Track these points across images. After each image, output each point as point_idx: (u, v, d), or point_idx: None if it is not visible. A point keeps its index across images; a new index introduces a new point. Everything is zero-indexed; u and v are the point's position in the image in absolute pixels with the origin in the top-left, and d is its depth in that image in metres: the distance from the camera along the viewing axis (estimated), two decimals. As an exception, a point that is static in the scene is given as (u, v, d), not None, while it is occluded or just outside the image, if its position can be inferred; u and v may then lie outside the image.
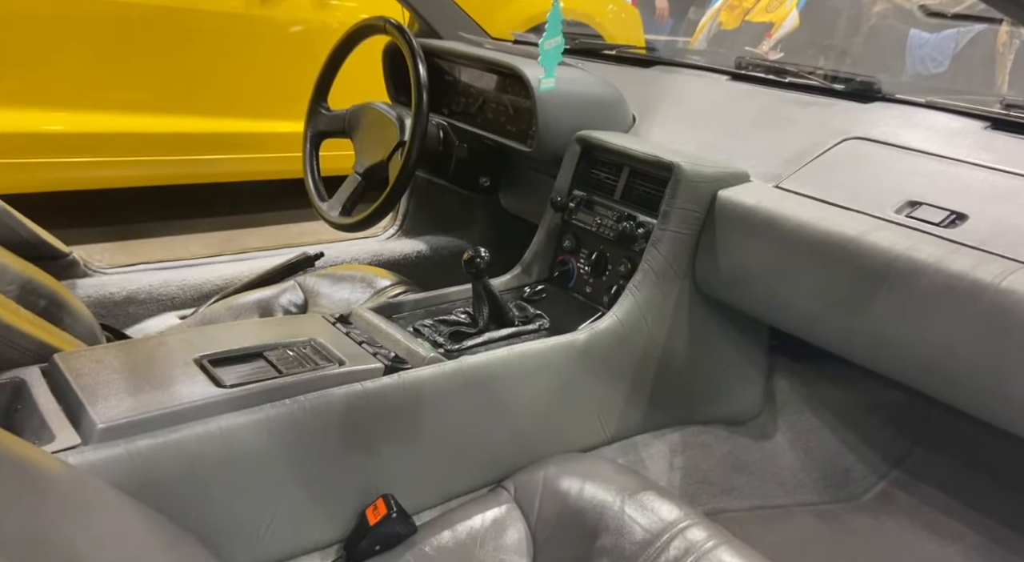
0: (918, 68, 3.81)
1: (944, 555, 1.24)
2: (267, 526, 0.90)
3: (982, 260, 0.91)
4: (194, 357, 0.94)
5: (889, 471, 1.39)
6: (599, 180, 1.31)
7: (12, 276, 1.24)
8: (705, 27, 4.76)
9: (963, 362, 0.92)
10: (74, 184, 2.53)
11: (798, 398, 1.36)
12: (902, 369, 1.01)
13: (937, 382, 0.97)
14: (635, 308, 1.18)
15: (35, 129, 2.35)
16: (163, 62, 2.50)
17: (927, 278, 0.94)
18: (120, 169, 2.56)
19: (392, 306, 1.19)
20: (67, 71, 2.36)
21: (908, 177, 1.09)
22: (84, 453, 0.78)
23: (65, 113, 2.40)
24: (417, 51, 1.26)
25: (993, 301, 0.88)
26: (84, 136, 2.43)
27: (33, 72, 2.31)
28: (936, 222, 1.00)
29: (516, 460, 1.09)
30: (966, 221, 0.99)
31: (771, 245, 1.10)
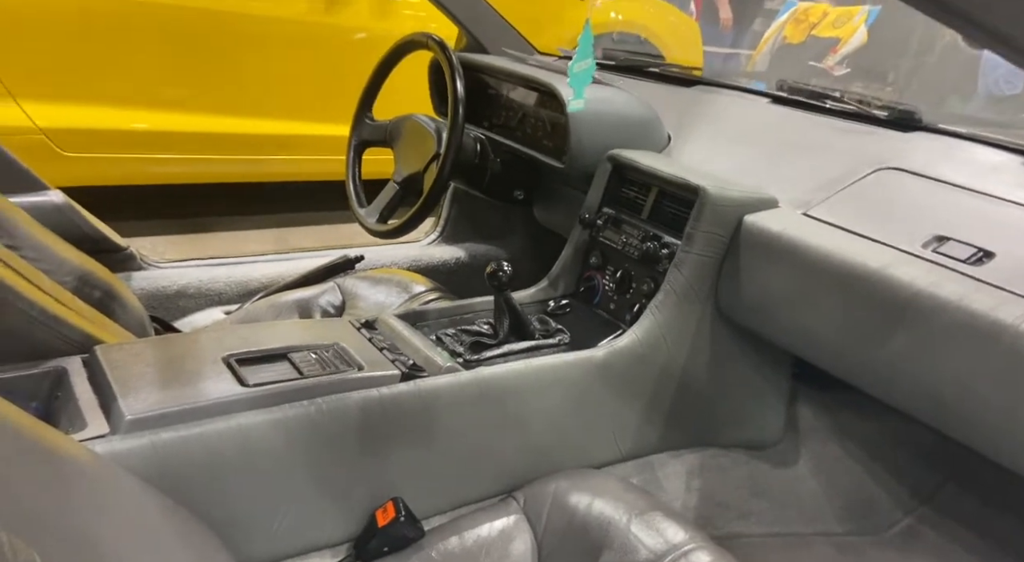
0: (991, 89, 3.67)
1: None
2: (280, 522, 0.94)
3: (1005, 300, 0.89)
4: (222, 355, 0.99)
5: (917, 507, 1.36)
6: (628, 199, 1.32)
7: (71, 268, 1.32)
8: (769, 40, 4.70)
9: (979, 402, 0.90)
10: (146, 179, 2.67)
11: (822, 426, 1.34)
12: (918, 405, 0.99)
13: (952, 420, 0.95)
14: (655, 328, 1.19)
15: (113, 126, 2.49)
16: (229, 66, 2.62)
17: (947, 315, 0.92)
18: (188, 166, 2.68)
19: (417, 314, 1.23)
20: (142, 73, 2.49)
21: (939, 211, 1.07)
22: (112, 442, 0.84)
23: (140, 112, 2.54)
24: (456, 67, 1.29)
25: (1012, 343, 0.86)
26: (157, 134, 2.56)
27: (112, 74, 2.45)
28: (962, 259, 0.98)
29: (527, 472, 1.11)
30: (992, 259, 0.96)
31: (793, 273, 1.09)
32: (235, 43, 2.60)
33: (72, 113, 2.41)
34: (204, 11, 2.51)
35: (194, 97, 2.59)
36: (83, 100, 2.42)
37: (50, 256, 1.29)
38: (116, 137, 2.49)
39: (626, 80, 1.71)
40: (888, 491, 1.35)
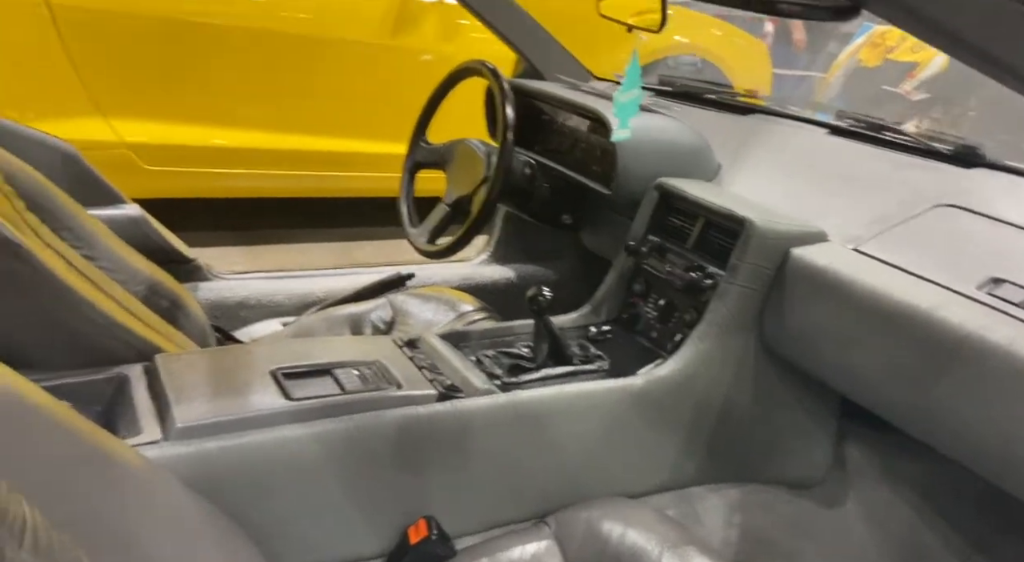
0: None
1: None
2: (316, 533, 0.98)
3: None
4: (271, 369, 1.04)
5: (971, 555, 1.30)
6: (675, 227, 1.32)
7: (142, 277, 1.41)
8: (843, 63, 4.59)
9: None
10: (220, 192, 2.80)
11: (872, 469, 1.30)
12: (964, 452, 0.95)
13: (999, 470, 0.91)
14: (696, 358, 1.18)
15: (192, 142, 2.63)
16: (301, 86, 2.73)
17: (997, 361, 0.89)
18: (259, 180, 2.81)
19: (460, 334, 1.26)
20: (220, 93, 2.63)
21: (997, 251, 1.04)
22: (162, 448, 0.89)
23: (217, 129, 2.67)
24: (507, 93, 1.33)
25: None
26: (232, 150, 2.69)
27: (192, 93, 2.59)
28: (1017, 302, 0.94)
29: (561, 497, 1.11)
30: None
31: (839, 309, 1.07)
32: (307, 65, 2.71)
33: (155, 129, 2.55)
34: (280, 34, 2.63)
35: (267, 116, 2.71)
36: (165, 117, 2.56)
37: (124, 266, 1.37)
38: (194, 152, 2.63)
39: (681, 107, 1.71)
40: (942, 539, 1.30)
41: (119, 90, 2.47)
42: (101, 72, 2.41)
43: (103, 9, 2.37)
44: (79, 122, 2.42)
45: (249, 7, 2.60)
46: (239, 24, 2.58)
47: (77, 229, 1.31)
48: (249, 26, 2.59)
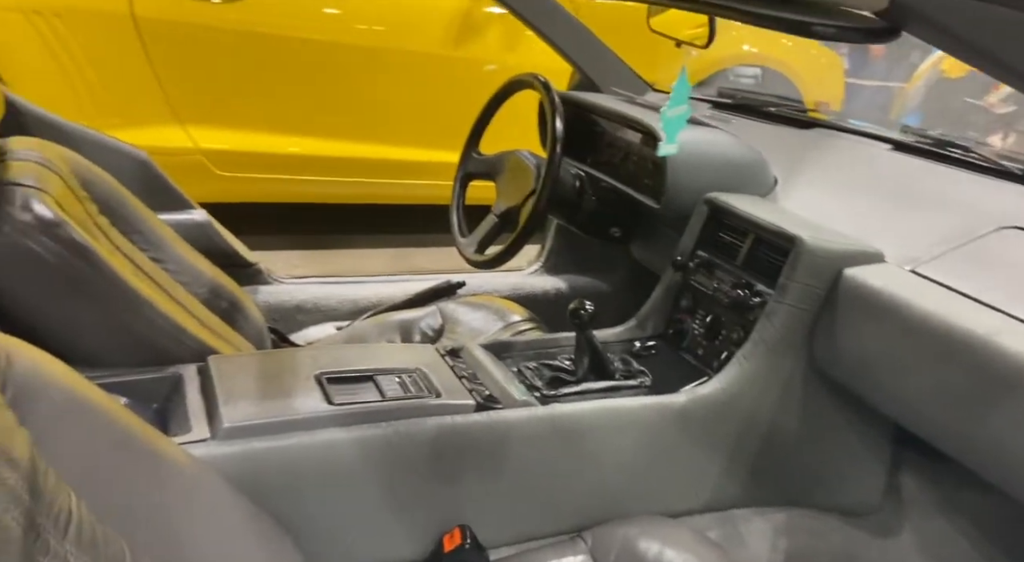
0: None
1: None
2: (353, 535, 1.00)
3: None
4: (315, 373, 1.07)
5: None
6: (724, 243, 1.30)
7: (205, 280, 1.47)
8: (924, 74, 4.40)
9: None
10: (286, 197, 2.90)
11: (929, 499, 1.25)
12: (1019, 486, 0.90)
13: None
14: (741, 378, 1.16)
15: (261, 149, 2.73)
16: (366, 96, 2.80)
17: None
18: (324, 187, 2.89)
19: (503, 345, 1.27)
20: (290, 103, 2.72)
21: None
22: (209, 447, 0.93)
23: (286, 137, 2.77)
24: (557, 106, 1.33)
25: None
26: (299, 157, 2.79)
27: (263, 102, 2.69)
28: (1084, 332, 0.89)
29: (597, 513, 1.11)
30: (1121, 334, 0.87)
31: (892, 332, 1.04)
32: (372, 76, 2.78)
33: (227, 137, 2.66)
34: (348, 46, 2.71)
35: (333, 125, 2.79)
36: (237, 126, 2.67)
37: (188, 269, 1.44)
38: (262, 159, 2.73)
39: (740, 120, 1.68)
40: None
41: (196, 99, 2.59)
42: (181, 82, 2.53)
43: (184, 22, 2.49)
44: (159, 129, 2.55)
45: (321, 21, 2.69)
46: (310, 37, 2.66)
47: (147, 233, 1.38)
48: (319, 39, 2.68)
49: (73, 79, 2.38)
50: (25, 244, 1.00)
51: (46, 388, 0.69)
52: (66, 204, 1.13)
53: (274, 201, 2.86)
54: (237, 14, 2.56)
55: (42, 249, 1.01)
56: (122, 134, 2.42)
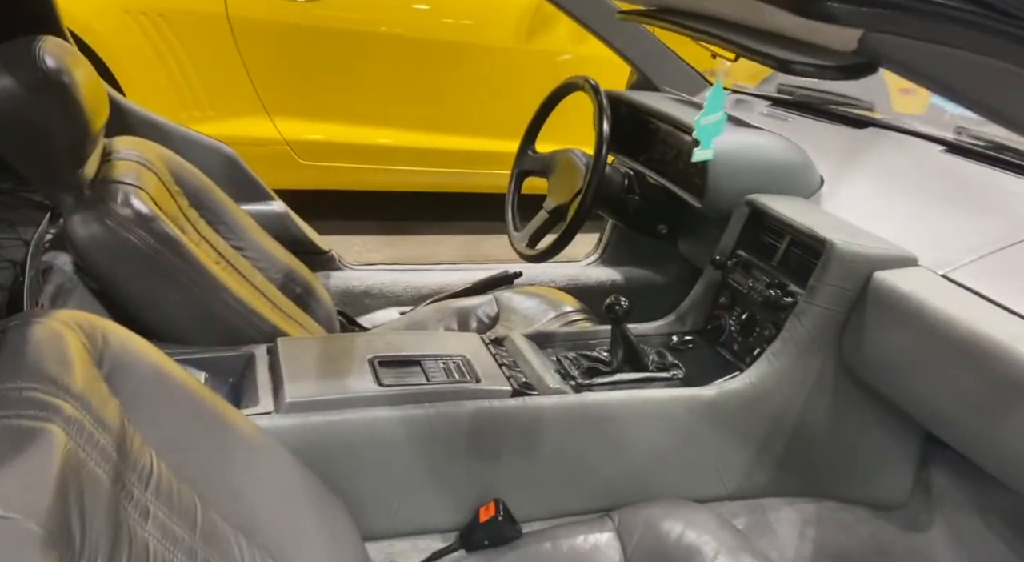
0: None
1: None
2: (398, 504, 1.12)
3: None
4: (369, 357, 1.19)
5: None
6: (763, 243, 1.33)
7: (281, 266, 1.62)
8: None
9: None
10: (365, 185, 3.06)
11: (960, 495, 1.26)
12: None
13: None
14: (771, 374, 1.20)
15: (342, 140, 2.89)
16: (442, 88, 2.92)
17: (1069, 402, 0.86)
18: (401, 176, 3.03)
19: (545, 335, 1.35)
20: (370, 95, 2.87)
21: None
22: (273, 419, 1.06)
23: (365, 128, 2.92)
24: (604, 108, 1.39)
25: None
26: (378, 147, 2.94)
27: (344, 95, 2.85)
28: (1103, 342, 0.90)
29: (626, 495, 1.18)
30: None
31: (917, 336, 1.06)
32: (451, 69, 2.89)
33: (311, 128, 2.83)
34: (424, 41, 2.83)
35: (410, 116, 2.93)
36: (320, 117, 2.83)
37: (266, 256, 1.59)
38: (343, 149, 2.88)
39: (797, 118, 1.69)
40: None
41: (283, 93, 2.76)
42: (269, 77, 2.71)
43: (273, 21, 2.66)
44: (249, 121, 2.74)
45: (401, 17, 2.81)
46: (391, 32, 2.79)
47: (230, 222, 1.53)
48: (400, 34, 2.80)
49: (174, 74, 2.59)
50: (124, 235, 1.15)
51: (135, 364, 0.82)
52: (160, 199, 1.28)
53: (353, 189, 3.02)
54: (322, 11, 2.71)
55: (138, 240, 1.17)
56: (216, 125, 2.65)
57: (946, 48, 0.56)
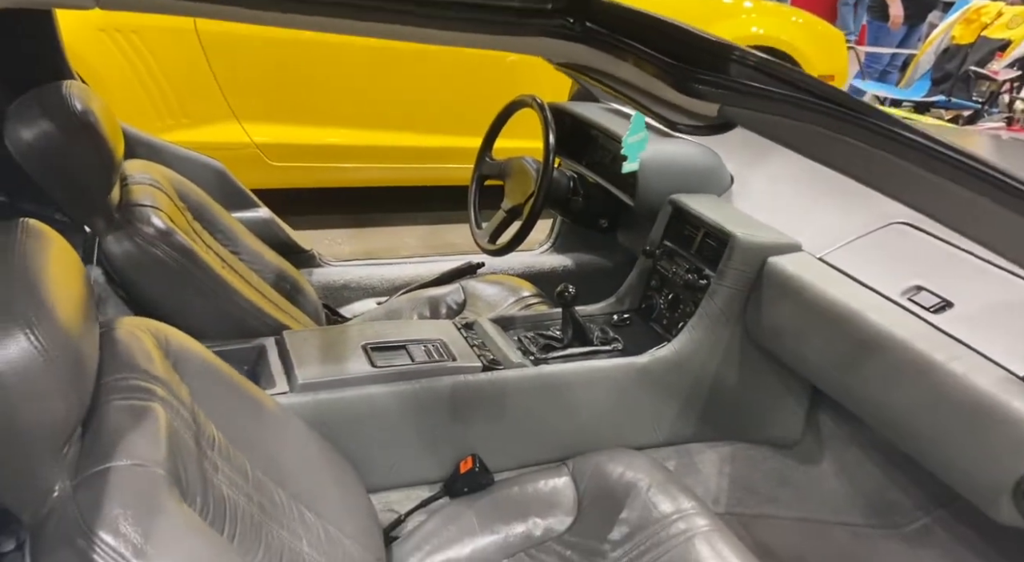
0: None
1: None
2: (394, 462, 1.37)
3: (942, 344, 1.11)
4: (362, 344, 1.43)
5: (935, 509, 1.54)
6: (684, 235, 1.61)
7: (271, 267, 1.84)
8: (935, 40, 4.53)
9: (920, 428, 1.13)
10: (332, 183, 3.27)
11: (843, 433, 1.57)
12: (885, 426, 1.22)
13: (907, 441, 1.18)
14: (690, 343, 1.48)
15: (309, 141, 3.08)
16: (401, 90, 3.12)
17: (901, 353, 1.16)
18: (366, 172, 3.24)
19: (507, 319, 1.61)
20: (332, 98, 3.06)
21: (926, 264, 1.28)
22: (289, 397, 1.30)
23: (331, 129, 3.12)
24: (549, 123, 1.64)
25: (940, 380, 1.08)
26: (343, 147, 3.14)
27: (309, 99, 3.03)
28: (927, 307, 1.20)
29: (579, 446, 1.45)
30: (951, 308, 1.17)
31: (799, 309, 1.35)
32: (407, 71, 3.10)
33: (279, 131, 3.02)
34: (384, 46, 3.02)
35: (372, 117, 3.13)
36: (287, 121, 3.02)
37: (259, 259, 1.80)
38: (310, 149, 3.08)
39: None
40: (908, 494, 1.54)
41: (251, 99, 2.94)
42: (237, 85, 2.89)
43: (238, 34, 2.83)
44: (220, 127, 2.91)
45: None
46: (350, 41, 2.99)
47: (226, 230, 1.75)
48: (358, 42, 3.00)
49: (149, 86, 2.75)
50: (151, 250, 1.37)
51: (190, 357, 1.05)
52: (172, 215, 1.49)
53: (321, 186, 3.23)
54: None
55: (162, 253, 1.38)
56: (189, 132, 2.83)
57: (774, 116, 0.83)
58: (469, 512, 1.29)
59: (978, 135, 2.80)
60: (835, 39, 3.75)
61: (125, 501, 0.73)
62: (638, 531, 1.23)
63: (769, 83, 0.81)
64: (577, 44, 1.01)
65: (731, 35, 3.50)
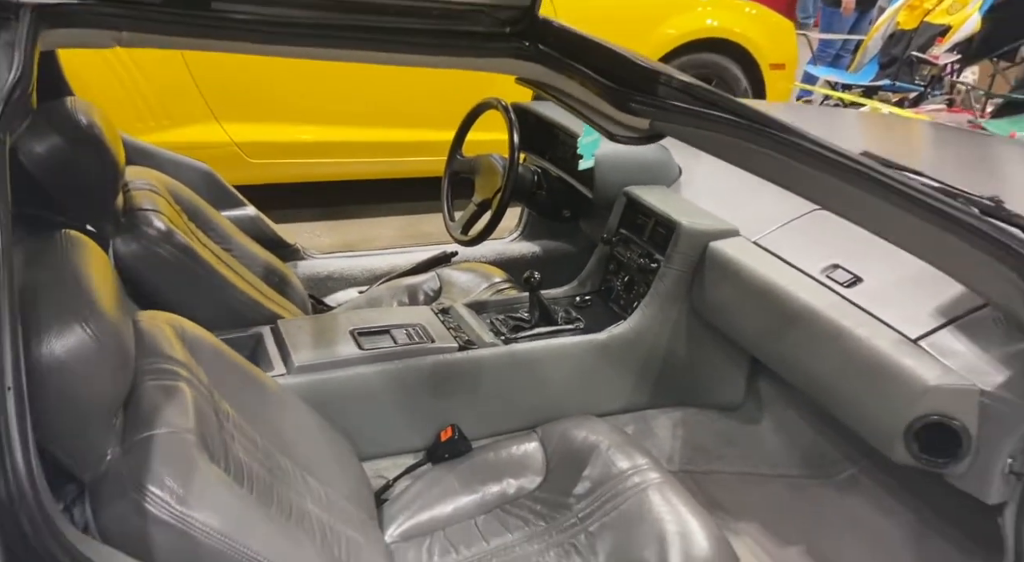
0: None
1: (883, 526, 1.60)
2: (381, 433, 1.54)
3: (851, 313, 1.30)
4: (350, 329, 1.59)
5: (860, 460, 1.74)
6: (637, 224, 1.79)
7: (260, 261, 1.98)
8: (882, 26, 4.75)
9: (836, 388, 1.33)
10: (310, 177, 3.40)
11: (780, 397, 1.76)
12: (805, 385, 1.42)
13: (826, 400, 1.37)
14: (644, 320, 1.67)
15: (287, 139, 3.21)
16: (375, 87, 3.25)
17: (817, 322, 1.35)
18: (342, 167, 3.37)
19: (480, 304, 1.78)
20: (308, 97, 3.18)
21: (843, 245, 1.47)
22: (287, 378, 1.45)
23: (308, 127, 3.24)
24: (514, 123, 1.80)
25: (847, 345, 1.28)
26: (320, 143, 3.27)
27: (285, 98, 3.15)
28: (841, 282, 1.39)
29: (546, 415, 1.62)
30: (861, 283, 1.37)
31: (736, 287, 1.53)
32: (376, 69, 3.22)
33: (257, 130, 3.14)
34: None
35: (346, 113, 3.26)
36: (264, 120, 3.14)
37: (249, 255, 1.95)
38: (288, 146, 3.21)
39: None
40: (837, 447, 1.75)
41: (229, 99, 3.06)
42: (216, 87, 3.00)
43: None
44: (200, 127, 3.03)
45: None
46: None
47: (217, 229, 1.89)
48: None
49: (131, 90, 2.86)
50: (156, 250, 1.51)
51: (202, 345, 1.21)
52: (171, 217, 1.63)
53: (300, 181, 3.35)
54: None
55: (166, 253, 1.52)
56: (171, 133, 2.95)
57: (694, 129, 1.01)
58: (450, 476, 1.46)
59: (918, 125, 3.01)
60: (786, 30, 3.95)
61: (166, 461, 0.89)
62: (599, 486, 1.41)
63: (690, 102, 0.99)
64: (533, 64, 1.18)
65: (687, 28, 3.68)
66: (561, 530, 1.34)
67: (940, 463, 1.13)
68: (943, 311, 1.22)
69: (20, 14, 0.89)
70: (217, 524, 0.86)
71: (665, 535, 1.24)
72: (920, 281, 1.25)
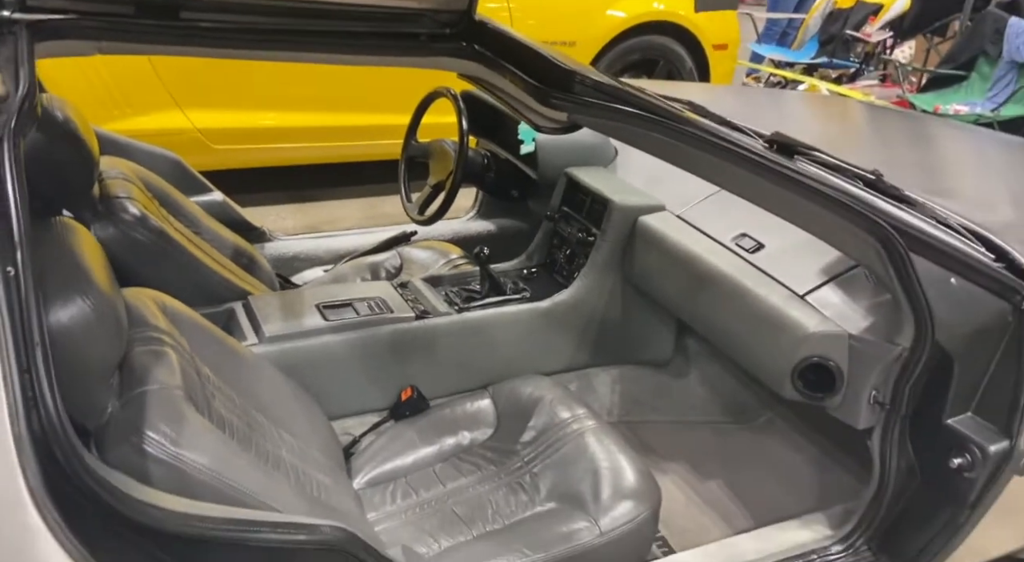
0: (1013, 55, 3.90)
1: (794, 461, 1.82)
2: (346, 395, 1.70)
3: (752, 275, 1.50)
4: (315, 303, 1.75)
5: (776, 405, 1.96)
6: (577, 201, 1.96)
7: (229, 243, 2.12)
8: (822, 5, 4.96)
9: (743, 341, 1.53)
10: (273, 162, 3.50)
11: (705, 353, 1.97)
12: (716, 339, 1.61)
13: (736, 353, 1.57)
14: (583, 288, 1.85)
15: (249, 124, 3.30)
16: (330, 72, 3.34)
17: (725, 283, 1.54)
18: (303, 151, 3.48)
19: (436, 278, 1.95)
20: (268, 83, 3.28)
21: (750, 217, 1.65)
22: (259, 347, 1.61)
23: (268, 113, 3.34)
24: (462, 111, 1.96)
25: (749, 302, 1.47)
26: (281, 128, 3.37)
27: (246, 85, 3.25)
28: (746, 248, 1.58)
29: (497, 375, 1.81)
30: (763, 249, 1.56)
31: (661, 256, 1.72)
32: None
33: (219, 116, 3.24)
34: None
35: (307, 98, 3.37)
36: (227, 106, 3.24)
37: (217, 237, 2.08)
38: (250, 132, 3.31)
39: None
40: (755, 396, 1.96)
41: (191, 88, 3.15)
42: (176, 75, 3.09)
43: (173, 25, 3.03)
44: (162, 114, 3.12)
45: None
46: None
47: (187, 214, 2.02)
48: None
49: (93, 81, 2.94)
50: (132, 234, 1.65)
51: (182, 317, 1.36)
52: (144, 203, 1.77)
53: (263, 166, 3.47)
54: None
55: (141, 236, 1.66)
56: (134, 121, 3.04)
57: (604, 120, 1.18)
58: (410, 431, 1.64)
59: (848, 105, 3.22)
60: (728, 13, 4.13)
61: (158, 411, 1.05)
62: (542, 434, 1.60)
63: (600, 98, 1.16)
64: (470, 62, 1.34)
65: (635, 11, 3.85)
66: (509, 472, 1.53)
67: (819, 397, 1.33)
68: (826, 270, 1.43)
69: (16, 30, 1.02)
70: (206, 462, 1.02)
71: (598, 470, 1.43)
72: (811, 245, 1.44)
